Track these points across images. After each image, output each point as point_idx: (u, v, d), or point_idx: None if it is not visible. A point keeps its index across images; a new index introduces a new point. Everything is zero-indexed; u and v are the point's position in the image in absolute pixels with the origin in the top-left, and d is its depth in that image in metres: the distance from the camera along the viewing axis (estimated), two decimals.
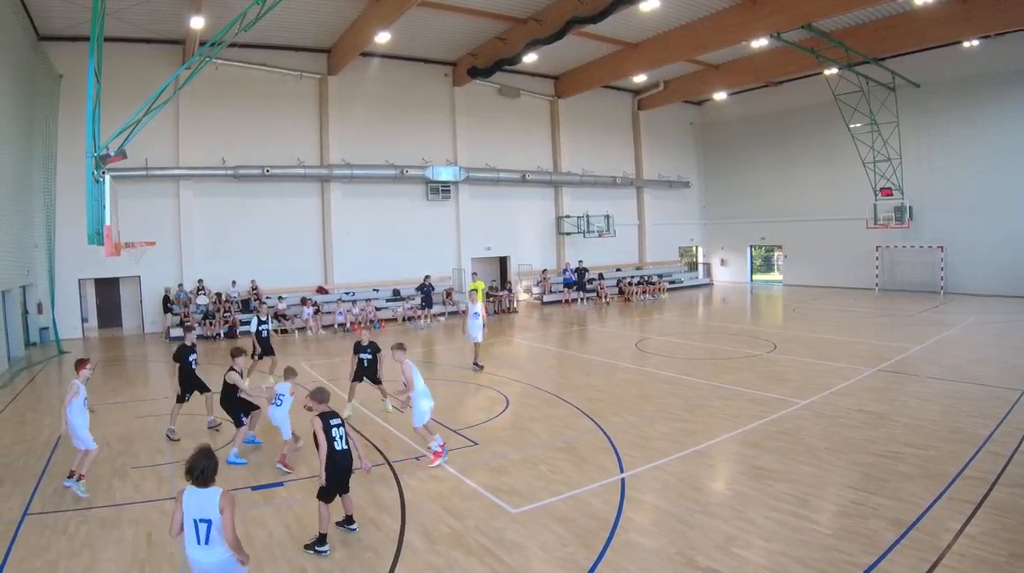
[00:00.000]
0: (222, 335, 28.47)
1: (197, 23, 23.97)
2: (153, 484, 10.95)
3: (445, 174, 36.37)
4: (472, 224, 38.47)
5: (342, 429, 8.66)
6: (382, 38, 28.43)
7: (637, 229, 46.72)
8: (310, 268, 33.82)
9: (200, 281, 30.10)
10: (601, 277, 40.27)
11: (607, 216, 41.32)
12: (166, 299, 29.50)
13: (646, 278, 42.18)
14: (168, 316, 29.31)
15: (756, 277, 49.28)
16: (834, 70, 34.15)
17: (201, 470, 6.03)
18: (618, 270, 43.69)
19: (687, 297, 41.40)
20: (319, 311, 30.33)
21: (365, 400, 15.57)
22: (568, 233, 41.84)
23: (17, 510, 9.86)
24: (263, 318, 19.20)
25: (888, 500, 9.13)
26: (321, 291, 32.92)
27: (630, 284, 40.44)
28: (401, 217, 36.03)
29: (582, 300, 38.44)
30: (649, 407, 14.96)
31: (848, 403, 14.47)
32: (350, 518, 8.94)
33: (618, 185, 44.37)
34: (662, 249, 47.92)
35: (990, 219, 34.68)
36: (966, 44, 32.65)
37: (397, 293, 34.31)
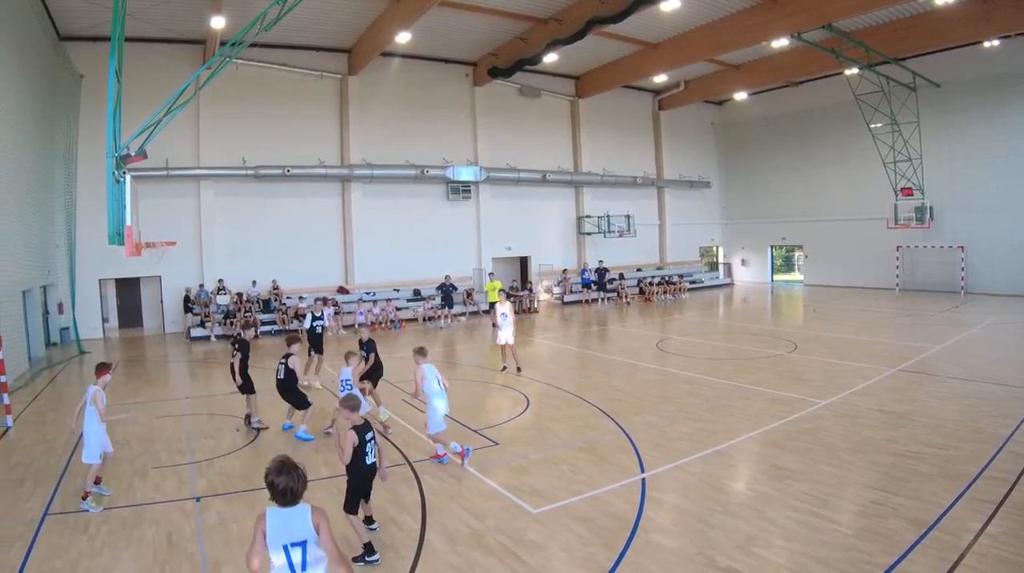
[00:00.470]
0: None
1: (218, 23, 24.07)
2: (173, 484, 11.02)
3: (466, 174, 36.46)
4: (493, 224, 38.54)
5: (373, 442, 8.38)
6: (402, 38, 28.38)
7: (658, 229, 46.64)
8: (331, 268, 33.95)
9: (220, 281, 30.30)
10: (622, 277, 40.18)
11: (628, 216, 41.34)
12: (187, 299, 29.72)
13: (667, 278, 42.07)
14: (188, 316, 29.53)
15: (777, 277, 49.10)
16: (854, 70, 33.96)
17: (287, 488, 5.01)
18: (639, 270, 43.64)
19: (708, 297, 41.35)
20: (339, 311, 30.39)
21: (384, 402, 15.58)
22: (589, 233, 41.86)
23: (38, 510, 9.93)
24: (318, 314, 19.36)
25: (908, 500, 9.13)
26: (342, 291, 33.05)
27: (651, 284, 40.35)
28: (422, 217, 36.13)
29: (603, 300, 38.42)
30: (670, 407, 14.98)
31: (868, 403, 14.44)
32: (370, 518, 8.88)
33: (639, 185, 44.33)
34: (683, 249, 47.82)
35: (1010, 219, 34.40)
36: (986, 44, 32.41)
37: (418, 293, 34.43)
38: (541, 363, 21.52)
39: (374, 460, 8.37)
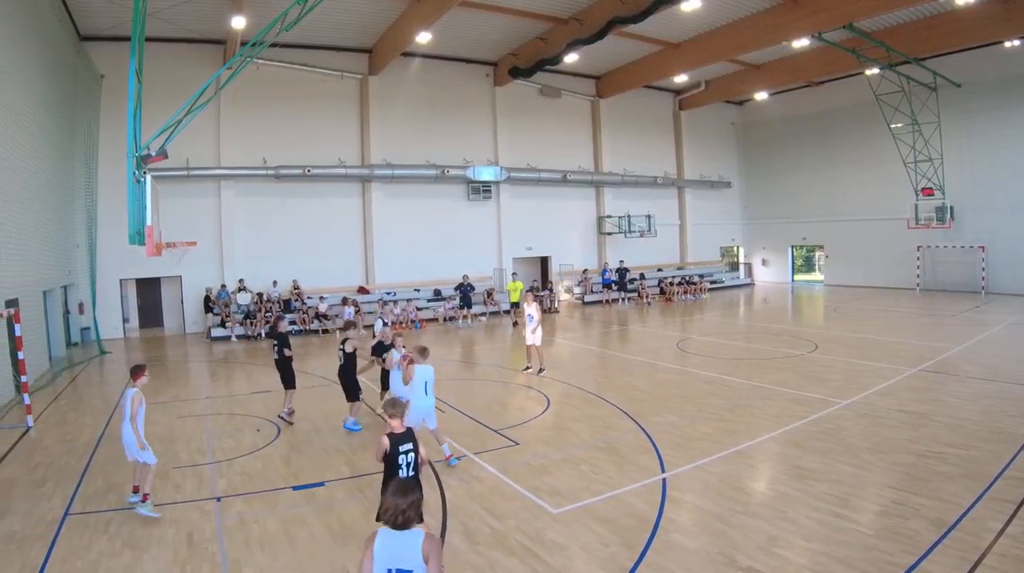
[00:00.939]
0: (263, 335, 28.75)
1: (238, 23, 24.22)
2: (194, 484, 11.08)
3: (486, 174, 36.54)
4: (513, 224, 38.59)
5: (411, 455, 7.67)
6: (423, 38, 28.57)
7: (678, 229, 46.60)
8: (351, 268, 34.09)
9: (241, 281, 30.41)
10: (642, 277, 40.18)
11: (648, 216, 41.26)
12: (207, 299, 29.79)
13: (687, 278, 42.07)
14: (209, 316, 29.63)
15: (797, 277, 48.91)
16: (875, 70, 33.87)
17: (400, 512, 4.73)
18: (659, 270, 43.59)
19: (728, 297, 41.30)
20: (360, 311, 30.45)
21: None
22: (609, 233, 41.86)
23: (59, 510, 9.96)
24: (386, 321, 19.46)
25: (929, 500, 9.15)
26: (362, 291, 33.17)
27: (671, 284, 40.33)
28: (442, 217, 36.22)
29: (623, 300, 38.42)
30: (690, 407, 15.01)
31: (889, 403, 14.45)
32: None
33: (659, 185, 44.25)
34: (703, 249, 47.75)
35: None
36: (1007, 44, 32.09)
37: (438, 293, 34.52)
38: (562, 363, 21.52)
39: (412, 475, 7.67)
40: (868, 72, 34.64)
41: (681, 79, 40.70)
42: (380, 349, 14.93)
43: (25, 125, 20.53)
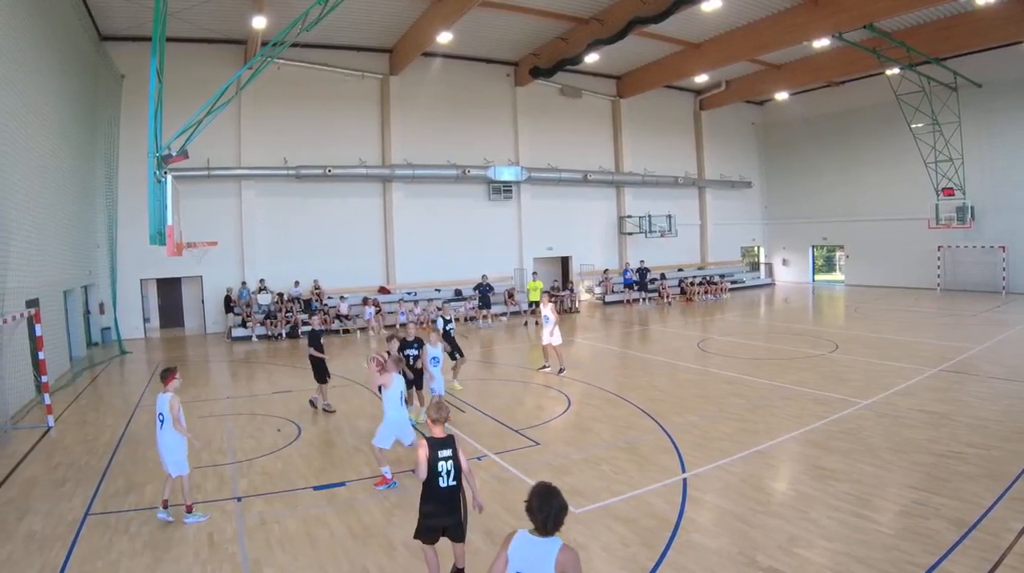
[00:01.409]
0: (284, 335, 28.95)
1: (259, 23, 24.30)
2: (214, 484, 11.17)
3: (507, 174, 36.60)
4: (534, 224, 38.64)
5: (451, 462, 7.19)
6: (444, 38, 28.62)
7: (699, 229, 46.50)
8: (372, 268, 34.20)
9: (262, 280, 30.62)
10: (663, 277, 40.24)
11: (669, 216, 41.15)
12: (228, 299, 29.91)
13: (708, 278, 42.07)
14: (230, 316, 29.77)
15: (818, 277, 48.73)
16: (896, 70, 33.72)
17: (547, 516, 4.52)
18: (680, 270, 43.57)
19: (749, 297, 41.23)
20: (380, 311, 30.63)
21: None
22: (630, 233, 41.84)
23: (79, 510, 10.03)
24: (448, 318, 19.58)
25: (950, 500, 9.16)
26: (383, 291, 33.25)
27: (692, 284, 40.37)
28: (463, 217, 36.32)
29: (644, 300, 38.47)
30: (711, 407, 15.04)
31: (910, 403, 14.44)
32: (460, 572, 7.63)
33: (680, 185, 44.21)
34: (724, 249, 47.63)
35: None
36: None
37: (459, 293, 34.59)
38: (583, 363, 21.58)
39: (451, 483, 7.22)
40: (888, 72, 34.57)
41: (702, 79, 40.57)
42: (403, 347, 14.88)
43: (46, 125, 20.74)
